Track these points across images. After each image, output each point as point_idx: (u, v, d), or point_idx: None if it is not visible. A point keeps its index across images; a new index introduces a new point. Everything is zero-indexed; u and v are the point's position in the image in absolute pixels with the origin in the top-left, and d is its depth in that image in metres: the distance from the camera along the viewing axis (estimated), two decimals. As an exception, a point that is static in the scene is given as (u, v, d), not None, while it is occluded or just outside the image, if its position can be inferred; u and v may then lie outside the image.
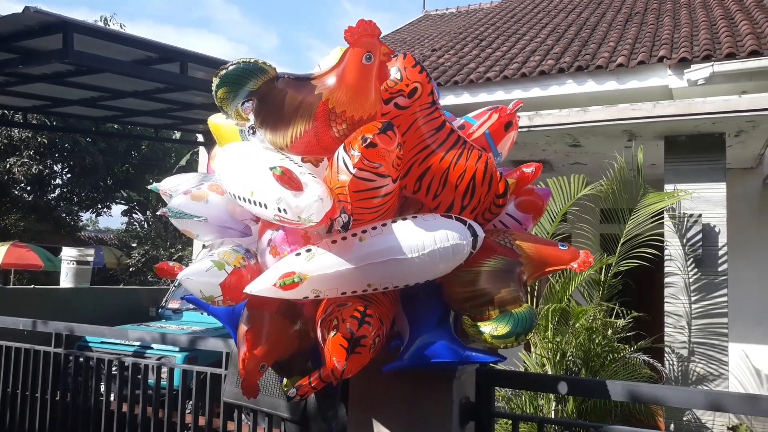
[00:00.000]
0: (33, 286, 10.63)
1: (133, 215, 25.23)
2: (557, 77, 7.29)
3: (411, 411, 2.29)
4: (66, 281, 10.69)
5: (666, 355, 5.21)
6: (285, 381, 2.27)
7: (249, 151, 2.07)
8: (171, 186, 2.48)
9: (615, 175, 5.20)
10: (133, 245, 20.82)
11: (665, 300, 5.27)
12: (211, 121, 2.50)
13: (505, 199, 2.11)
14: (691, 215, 5.22)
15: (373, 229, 1.91)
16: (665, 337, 5.22)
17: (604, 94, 6.97)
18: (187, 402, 3.76)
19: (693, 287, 5.18)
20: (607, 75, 7.05)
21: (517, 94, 7.25)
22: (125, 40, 6.27)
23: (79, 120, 12.17)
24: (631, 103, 5.33)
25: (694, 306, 5.15)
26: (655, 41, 7.69)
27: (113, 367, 3.94)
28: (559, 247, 2.12)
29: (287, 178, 1.76)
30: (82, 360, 3.99)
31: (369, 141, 1.74)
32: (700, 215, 5.20)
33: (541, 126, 5.48)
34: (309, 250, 1.88)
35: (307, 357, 2.24)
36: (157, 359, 5.37)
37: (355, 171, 1.77)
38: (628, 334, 4.99)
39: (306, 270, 1.81)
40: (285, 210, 1.79)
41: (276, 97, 1.89)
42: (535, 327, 2.00)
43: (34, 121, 14.36)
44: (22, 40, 5.88)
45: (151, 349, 6.15)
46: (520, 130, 5.43)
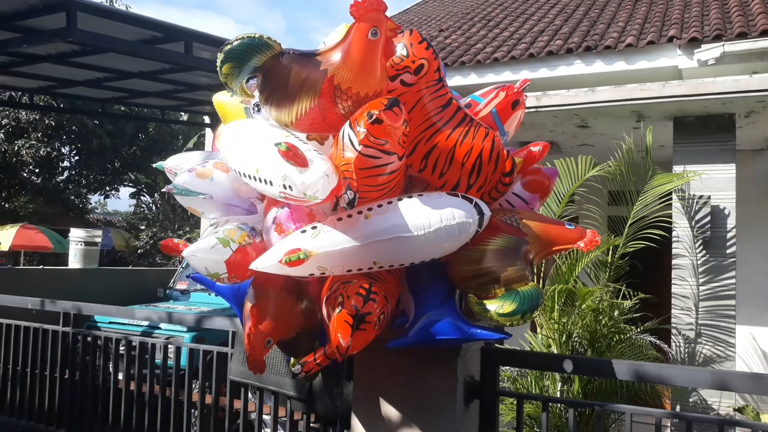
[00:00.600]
0: (42, 266, 10.69)
1: (141, 197, 25.30)
2: (565, 57, 7.20)
3: (415, 389, 2.29)
4: (74, 262, 10.73)
5: (673, 336, 5.20)
6: (292, 360, 2.28)
7: (254, 129, 2.05)
8: (176, 164, 2.47)
9: (623, 157, 5.15)
10: (142, 227, 20.90)
11: (672, 282, 5.24)
12: (216, 99, 2.49)
13: (511, 177, 2.09)
14: (700, 197, 5.17)
15: (379, 206, 1.89)
16: (672, 319, 5.20)
17: (612, 74, 6.89)
18: (194, 381, 3.79)
19: (701, 269, 5.15)
20: (616, 55, 6.97)
21: (524, 74, 7.17)
22: (129, 19, 6.23)
23: (86, 102, 12.15)
24: (640, 83, 5.27)
25: (701, 288, 5.13)
26: (665, 21, 7.58)
27: (121, 346, 3.97)
28: (566, 226, 2.10)
29: (293, 154, 1.74)
30: (90, 339, 4.03)
31: (375, 117, 1.72)
32: (709, 197, 5.15)
33: (549, 106, 5.43)
34: (315, 228, 1.87)
35: (314, 337, 2.24)
36: (165, 339, 5.41)
37: (360, 148, 1.75)
38: (635, 316, 4.97)
39: (311, 247, 1.80)
40: (290, 187, 1.77)
41: (281, 74, 1.86)
42: (541, 305, 2.00)
43: (41, 103, 14.34)
44: (25, 18, 5.84)
45: (159, 329, 6.19)
46: (527, 111, 5.39)
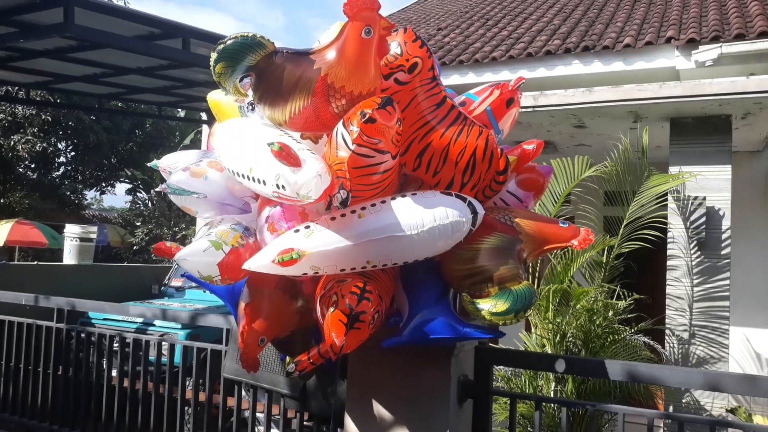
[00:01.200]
0: (36, 262, 10.66)
1: (137, 194, 25.22)
2: (563, 57, 7.21)
3: (409, 388, 2.29)
4: (69, 258, 10.73)
5: (666, 337, 5.21)
6: (288, 359, 2.27)
7: (248, 128, 2.05)
8: (170, 163, 2.47)
9: (619, 157, 5.16)
10: (137, 224, 20.85)
11: (667, 282, 5.26)
12: (211, 98, 2.48)
13: (505, 176, 2.09)
14: (695, 198, 5.18)
15: (373, 206, 1.89)
16: (666, 320, 5.21)
17: (610, 75, 6.89)
18: (188, 379, 3.79)
19: (695, 270, 5.16)
20: (613, 56, 6.97)
21: (522, 74, 7.16)
22: (127, 15, 6.21)
23: (83, 97, 12.10)
24: (637, 84, 5.27)
25: (696, 289, 5.14)
26: (663, 22, 7.58)
27: (115, 343, 3.96)
28: (560, 224, 2.11)
29: (285, 154, 1.74)
30: (83, 335, 4.01)
31: (368, 116, 1.72)
32: (704, 198, 5.16)
33: (546, 106, 5.43)
34: (308, 227, 1.86)
35: (310, 336, 2.24)
36: (160, 336, 5.40)
37: (354, 147, 1.75)
38: (629, 316, 4.98)
39: (305, 246, 1.80)
40: (283, 186, 1.77)
41: (274, 73, 1.86)
42: (534, 304, 2.00)
43: (37, 98, 14.29)
44: (22, 13, 5.82)
45: (154, 326, 6.18)
46: (524, 111, 5.45)
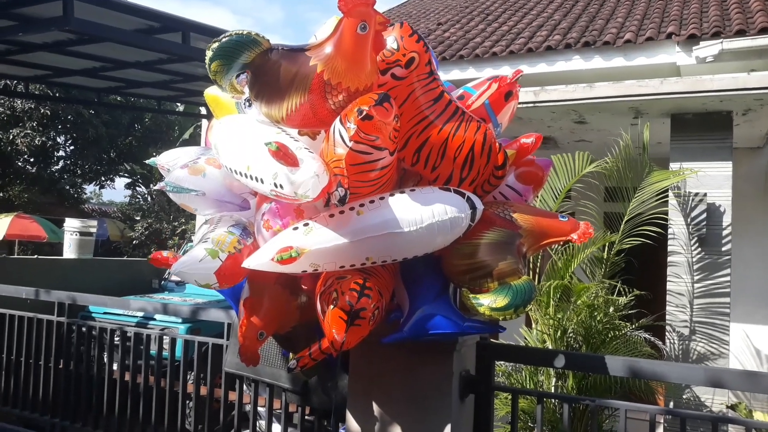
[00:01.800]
0: (36, 256, 10.65)
1: (137, 188, 25.21)
2: (564, 53, 7.19)
3: (411, 383, 2.29)
4: (69, 252, 10.72)
5: (667, 333, 5.22)
6: (291, 354, 2.27)
7: (245, 125, 2.04)
8: (169, 160, 2.46)
9: (620, 153, 5.15)
10: (137, 218, 20.84)
11: (668, 278, 5.26)
12: (208, 93, 2.46)
13: (504, 170, 2.09)
14: (696, 194, 5.18)
15: (371, 202, 1.89)
16: (667, 316, 5.22)
17: (611, 70, 6.88)
18: (189, 373, 3.79)
19: (696, 266, 5.17)
20: (614, 51, 6.96)
21: (523, 69, 7.13)
22: (127, 9, 6.16)
23: (82, 91, 12.07)
24: (638, 80, 5.26)
25: (696, 285, 5.14)
26: (663, 17, 7.57)
27: (115, 337, 3.96)
28: (559, 218, 2.11)
29: (283, 154, 1.73)
30: (84, 329, 4.01)
31: (365, 113, 1.71)
32: (705, 194, 5.16)
33: (547, 102, 5.42)
34: (306, 225, 1.86)
35: (313, 332, 2.24)
36: (160, 330, 5.40)
37: (351, 144, 1.75)
38: (630, 312, 4.98)
39: (303, 244, 1.80)
40: (281, 186, 1.77)
41: (270, 70, 1.85)
42: (534, 299, 2.00)
43: (36, 92, 14.25)
44: (21, 6, 5.79)
45: (154, 320, 6.18)
46: (525, 106, 5.44)
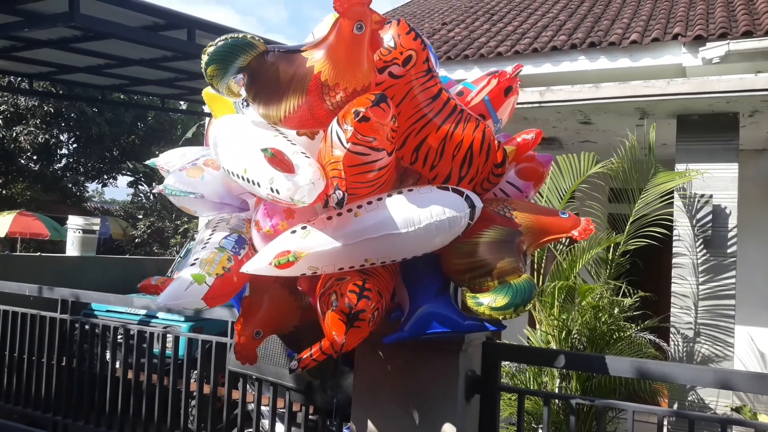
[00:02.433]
0: (39, 254, 10.66)
1: (139, 187, 25.25)
2: (569, 53, 7.17)
3: (416, 383, 2.28)
4: (72, 249, 10.72)
5: (671, 335, 5.19)
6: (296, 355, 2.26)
7: (242, 127, 2.02)
8: (168, 161, 2.45)
9: (625, 154, 5.13)
10: (139, 216, 20.88)
11: (673, 280, 5.23)
12: (206, 93, 2.43)
13: (503, 168, 2.07)
14: (701, 196, 5.15)
15: (369, 203, 1.88)
16: (671, 318, 5.20)
17: (616, 71, 6.86)
18: (192, 371, 3.77)
19: (701, 268, 5.14)
20: (620, 52, 6.93)
21: (528, 69, 7.12)
22: (132, 5, 6.16)
23: (86, 89, 12.07)
24: (644, 80, 5.24)
25: (701, 287, 5.12)
26: (669, 18, 7.54)
27: (119, 335, 3.95)
28: (560, 215, 2.09)
29: (278, 161, 1.73)
30: (87, 327, 4.00)
31: (362, 115, 1.70)
32: (711, 196, 5.13)
33: (552, 102, 5.40)
34: (304, 228, 1.85)
35: (317, 332, 2.22)
36: (163, 328, 5.39)
37: (349, 145, 1.73)
38: (635, 314, 4.96)
39: (301, 248, 1.79)
40: (277, 191, 1.76)
41: (267, 72, 1.84)
42: (534, 298, 1.98)
43: (40, 89, 14.27)
44: (27, 2, 5.78)
45: (157, 318, 6.17)
46: (530, 106, 5.43)
